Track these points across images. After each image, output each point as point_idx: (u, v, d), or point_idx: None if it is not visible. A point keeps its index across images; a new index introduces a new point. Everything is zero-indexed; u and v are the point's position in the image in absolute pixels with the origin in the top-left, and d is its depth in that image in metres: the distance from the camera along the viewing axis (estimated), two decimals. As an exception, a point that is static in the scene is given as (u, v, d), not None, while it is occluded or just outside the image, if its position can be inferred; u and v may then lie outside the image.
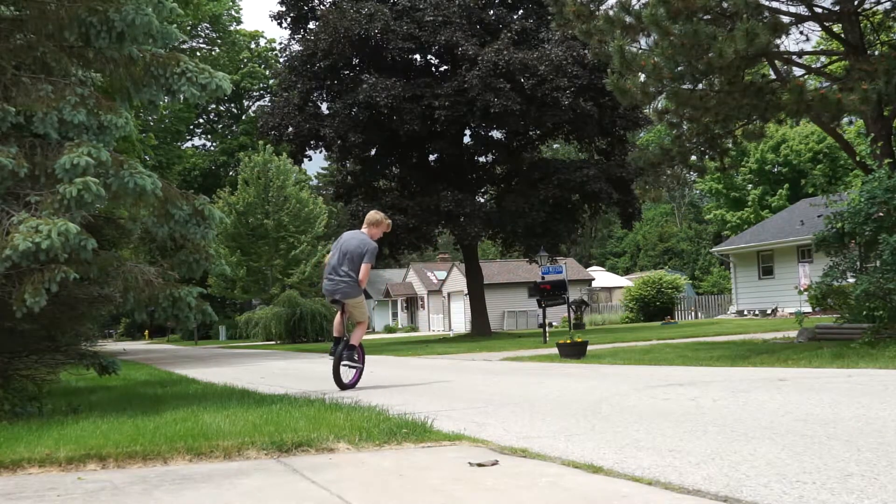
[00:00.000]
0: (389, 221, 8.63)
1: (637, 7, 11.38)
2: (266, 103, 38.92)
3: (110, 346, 32.52)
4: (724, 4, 10.67)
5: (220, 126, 61.79)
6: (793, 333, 13.09)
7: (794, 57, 12.39)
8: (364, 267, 8.09)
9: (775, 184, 50.28)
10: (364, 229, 8.35)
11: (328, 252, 10.03)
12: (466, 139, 26.37)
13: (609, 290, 46.19)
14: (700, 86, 11.60)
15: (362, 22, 23.33)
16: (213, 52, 40.27)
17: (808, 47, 14.33)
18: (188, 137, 53.77)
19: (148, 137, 27.84)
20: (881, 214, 9.38)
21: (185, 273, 8.30)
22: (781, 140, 49.37)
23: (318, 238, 45.12)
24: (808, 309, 18.07)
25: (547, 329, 18.49)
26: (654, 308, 36.37)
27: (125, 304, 7.41)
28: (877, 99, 10.49)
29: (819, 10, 12.22)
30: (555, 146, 51.08)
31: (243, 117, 60.21)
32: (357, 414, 5.22)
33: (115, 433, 4.86)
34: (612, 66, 11.60)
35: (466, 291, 29.73)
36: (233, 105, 60.64)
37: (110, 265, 7.07)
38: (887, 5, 12.70)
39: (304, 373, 12.76)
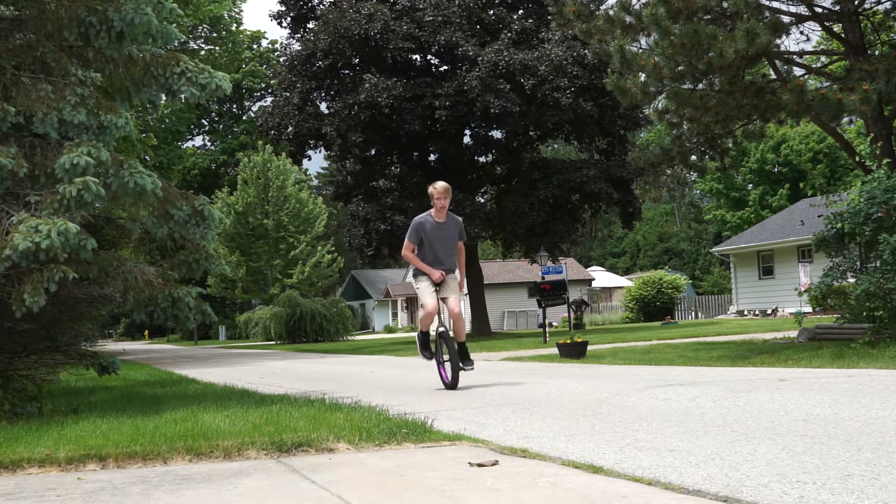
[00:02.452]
0: (436, 188, 7.78)
1: (637, 7, 11.37)
2: (267, 103, 39.01)
3: (110, 346, 32.51)
4: (725, 4, 10.66)
5: (220, 126, 61.80)
6: (793, 333, 13.09)
7: (794, 57, 12.38)
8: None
9: (775, 184, 50.32)
10: None
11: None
12: (466, 139, 26.37)
13: (609, 290, 46.18)
14: (700, 86, 11.58)
15: (362, 22, 23.33)
16: (214, 53, 40.19)
17: (808, 47, 14.30)
18: (189, 137, 53.77)
19: (148, 137, 27.79)
20: (881, 214, 9.37)
21: (184, 273, 8.30)
22: (781, 140, 49.41)
23: (318, 238, 45.10)
24: (809, 309, 18.07)
25: (547, 329, 18.48)
26: (654, 308, 36.36)
27: (125, 304, 7.42)
28: (877, 99, 10.48)
29: (819, 10, 12.21)
30: (555, 146, 51.13)
31: (244, 117, 60.21)
32: (357, 414, 5.22)
33: (115, 433, 4.86)
34: (612, 66, 11.59)
35: (466, 291, 29.72)
36: (233, 105, 60.63)
37: (110, 265, 7.06)
38: (887, 5, 12.69)
39: (303, 373, 12.76)
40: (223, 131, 61.18)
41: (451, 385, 7.48)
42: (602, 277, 50.40)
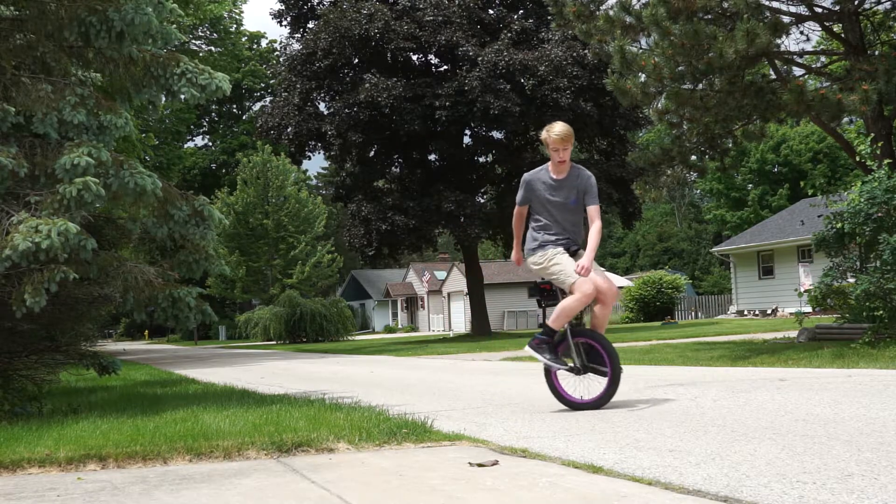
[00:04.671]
0: (551, 134, 5.44)
1: (637, 7, 11.37)
2: (266, 103, 39.15)
3: (110, 346, 32.53)
4: (725, 4, 10.66)
5: (220, 126, 61.80)
6: (793, 333, 13.08)
7: (794, 57, 12.38)
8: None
9: (775, 184, 50.34)
10: None
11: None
12: (467, 139, 26.37)
13: (609, 290, 46.08)
14: (700, 86, 11.58)
15: (362, 22, 23.33)
16: (214, 53, 40.20)
17: (808, 47, 14.29)
18: (189, 138, 53.76)
19: (148, 137, 27.81)
20: (881, 215, 9.37)
21: (184, 273, 8.30)
22: (781, 140, 49.43)
23: (318, 238, 45.10)
24: (808, 309, 18.06)
25: (547, 329, 18.44)
26: (654, 308, 36.35)
27: (125, 304, 7.42)
28: (877, 99, 10.47)
29: (819, 10, 12.21)
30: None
31: (244, 117, 60.21)
32: (357, 414, 5.22)
33: (115, 433, 4.86)
34: (612, 66, 11.59)
35: (466, 291, 29.73)
36: (234, 105, 60.60)
37: (110, 265, 7.06)
38: (887, 5, 12.69)
39: (303, 373, 12.76)
40: (223, 131, 61.17)
41: (598, 403, 5.32)
42: (602, 277, 50.28)
